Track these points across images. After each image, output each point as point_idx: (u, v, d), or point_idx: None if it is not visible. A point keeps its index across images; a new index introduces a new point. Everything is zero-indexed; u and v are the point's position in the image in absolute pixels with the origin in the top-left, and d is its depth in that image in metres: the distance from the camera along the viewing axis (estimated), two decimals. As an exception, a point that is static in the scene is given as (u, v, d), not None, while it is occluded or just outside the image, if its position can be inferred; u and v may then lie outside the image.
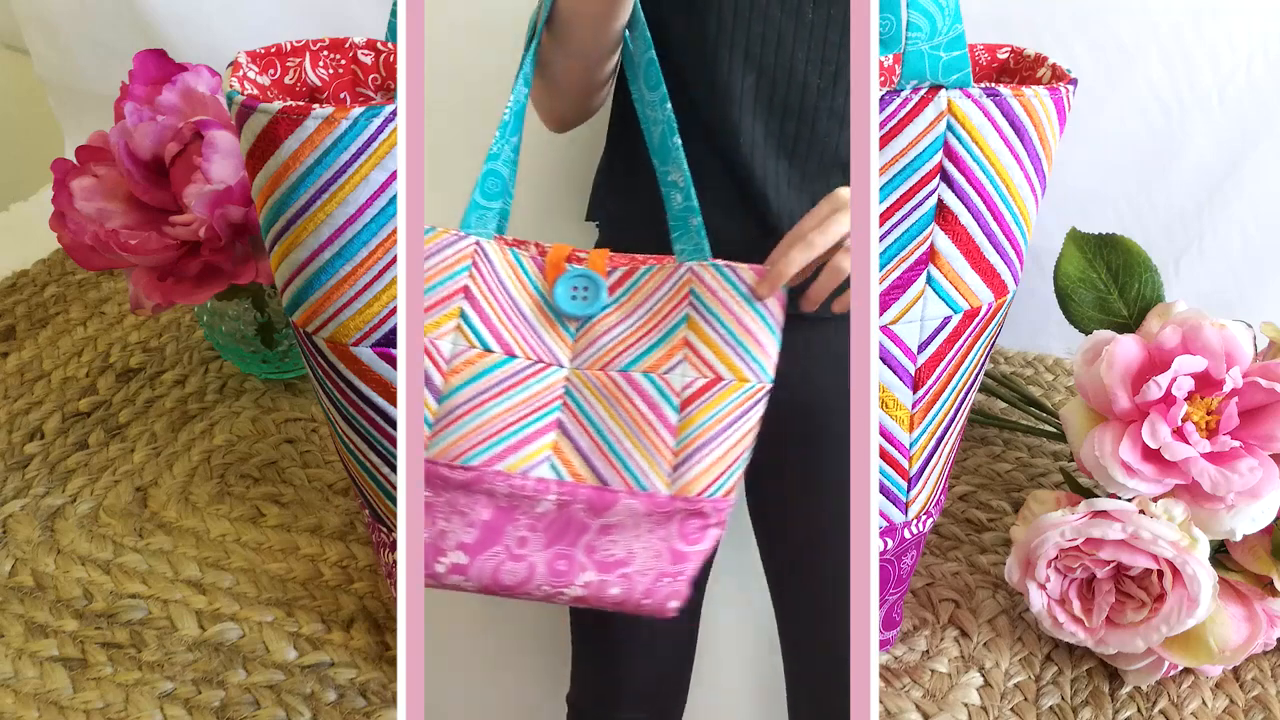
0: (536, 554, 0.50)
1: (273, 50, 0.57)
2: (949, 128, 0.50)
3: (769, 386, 0.51)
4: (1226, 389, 0.59)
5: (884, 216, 0.51)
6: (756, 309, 0.51)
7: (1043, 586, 0.61)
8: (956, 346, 0.55)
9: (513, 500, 0.49)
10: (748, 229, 0.55)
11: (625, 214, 0.62)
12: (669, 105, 0.53)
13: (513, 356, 0.51)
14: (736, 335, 0.51)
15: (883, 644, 0.65)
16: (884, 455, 0.56)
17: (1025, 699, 0.63)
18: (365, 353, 0.52)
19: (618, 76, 0.60)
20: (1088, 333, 0.66)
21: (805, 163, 0.55)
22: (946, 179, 0.51)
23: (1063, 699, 0.63)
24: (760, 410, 0.51)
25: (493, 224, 0.54)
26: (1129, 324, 0.66)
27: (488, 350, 0.50)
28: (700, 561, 0.51)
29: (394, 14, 0.57)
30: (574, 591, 0.50)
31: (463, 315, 0.50)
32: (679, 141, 0.53)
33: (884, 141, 0.50)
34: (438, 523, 0.50)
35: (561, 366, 0.52)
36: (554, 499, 0.50)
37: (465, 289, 0.50)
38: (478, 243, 0.51)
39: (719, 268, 0.51)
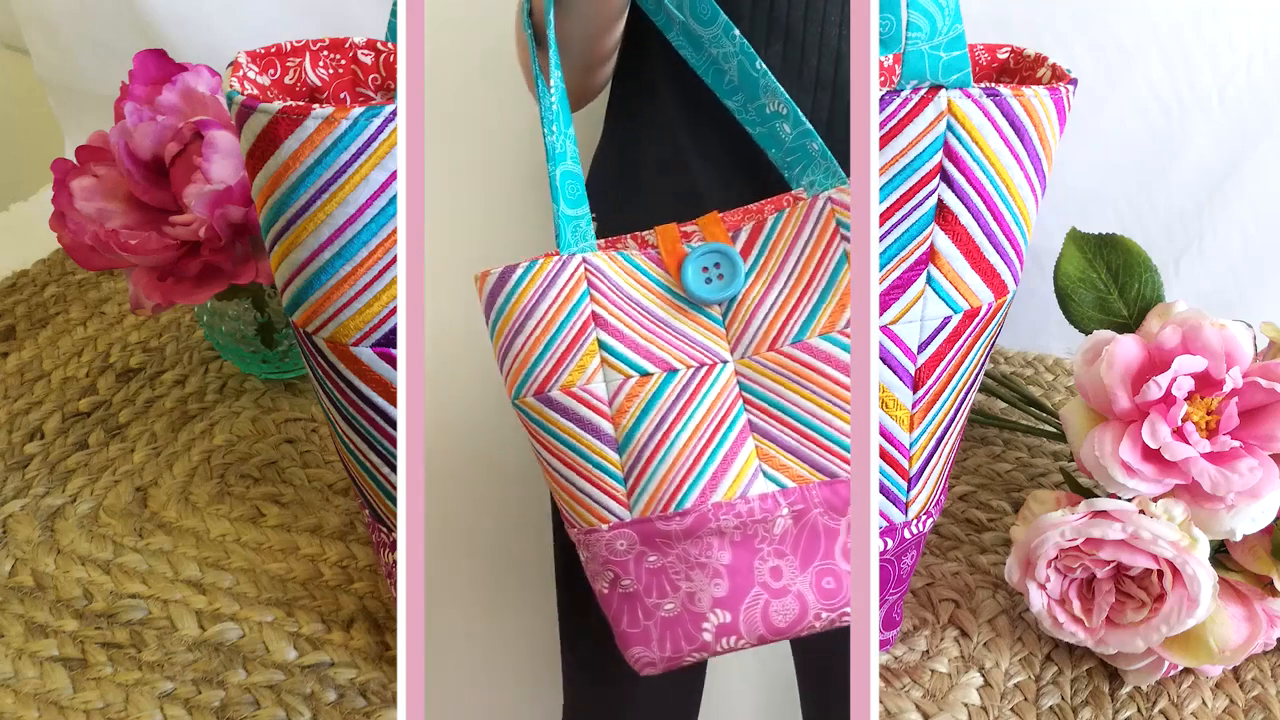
0: (798, 581, 0.44)
1: (273, 50, 0.57)
2: (949, 128, 0.50)
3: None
4: (1226, 389, 0.59)
5: (884, 216, 0.51)
6: None
7: (1043, 586, 0.61)
8: (956, 346, 0.55)
9: (746, 530, 0.44)
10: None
11: (622, 187, 0.57)
12: (736, 32, 0.48)
13: (674, 371, 0.45)
14: None
15: (883, 644, 0.65)
16: (884, 455, 0.56)
17: (1025, 699, 0.63)
18: (365, 353, 0.52)
19: (620, 69, 0.58)
20: (1088, 333, 0.66)
21: (842, 145, 0.52)
22: (946, 179, 0.51)
23: (1063, 699, 0.63)
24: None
25: (589, 232, 0.48)
26: (1129, 324, 0.66)
27: (645, 375, 0.45)
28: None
29: (394, 14, 0.57)
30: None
31: (603, 346, 0.45)
32: (762, 66, 0.48)
33: (884, 141, 0.50)
34: (680, 585, 0.44)
35: (725, 362, 0.46)
36: (787, 513, 0.44)
37: (594, 317, 0.46)
38: (585, 260, 0.46)
39: None
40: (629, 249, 0.48)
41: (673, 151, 0.55)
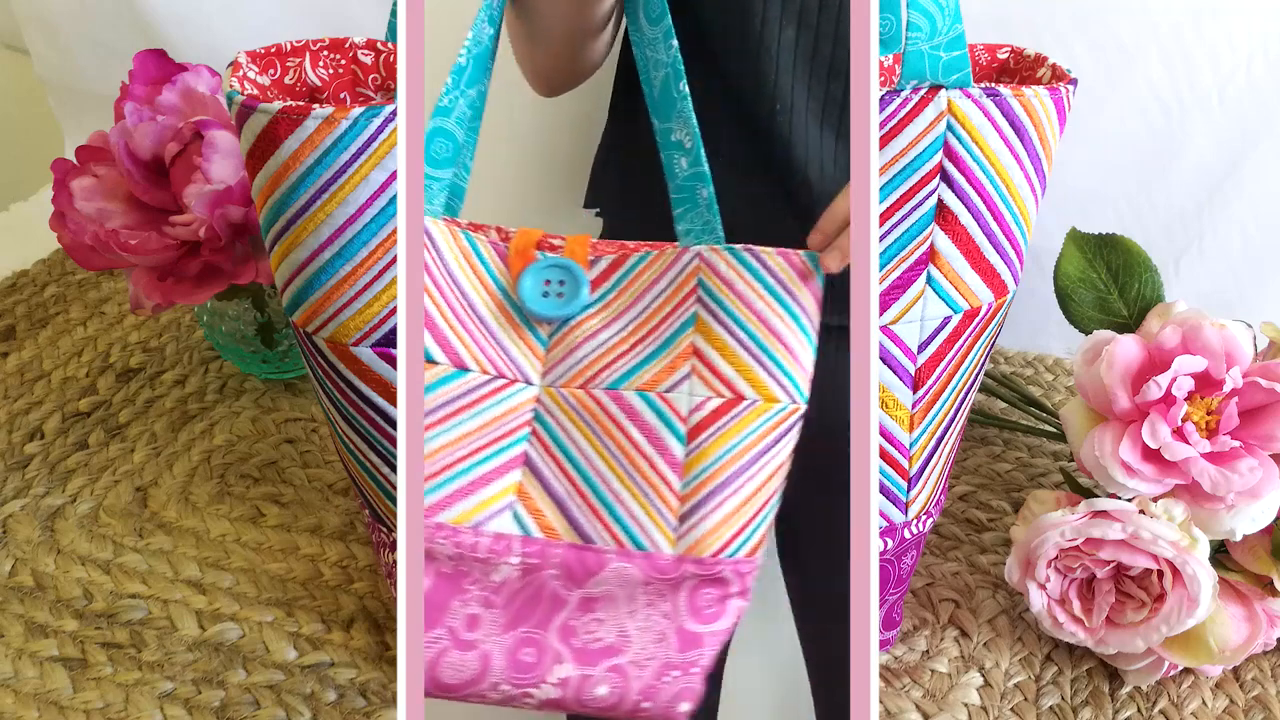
0: (492, 640, 0.38)
1: (273, 50, 0.57)
2: (949, 128, 0.50)
3: (803, 408, 0.41)
4: (1226, 389, 0.59)
5: (884, 216, 0.51)
6: (788, 307, 0.41)
7: (1043, 586, 0.61)
8: (956, 346, 0.55)
9: (459, 564, 0.38)
10: (765, 209, 0.47)
11: (630, 192, 0.53)
12: (674, 44, 0.43)
13: (463, 370, 0.40)
14: (761, 341, 0.40)
15: (883, 644, 0.65)
16: (884, 455, 0.56)
17: (1025, 699, 0.63)
18: (365, 353, 0.52)
19: (625, 60, 0.55)
20: (1088, 333, 0.66)
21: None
22: (946, 179, 0.51)
23: (1063, 699, 0.63)
24: (793, 439, 0.41)
25: (440, 199, 0.43)
26: (1129, 324, 0.66)
27: (430, 362, 0.40)
28: (719, 646, 0.40)
29: (394, 14, 0.57)
30: (545, 693, 0.39)
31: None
32: (685, 89, 0.43)
33: (884, 141, 0.50)
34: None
35: (529, 384, 0.41)
36: (518, 562, 0.38)
37: None
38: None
39: (737, 253, 0.41)
40: (482, 236, 0.43)
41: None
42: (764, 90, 0.47)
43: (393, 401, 0.53)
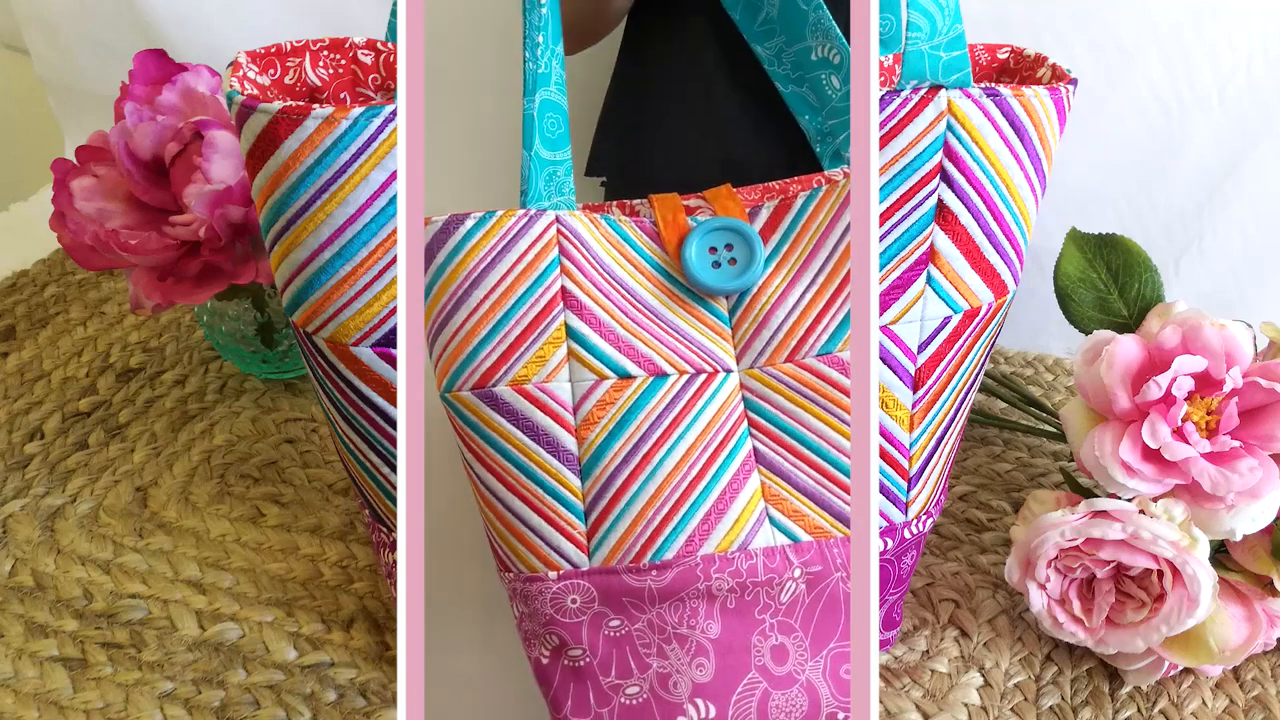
0: (809, 667, 0.35)
1: (273, 50, 0.57)
2: (949, 128, 0.50)
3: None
4: (1226, 389, 0.59)
5: (884, 216, 0.51)
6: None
7: (1043, 586, 0.61)
8: (956, 346, 0.55)
9: (744, 595, 0.35)
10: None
11: (646, 148, 0.48)
12: None
13: (663, 376, 0.36)
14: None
15: (883, 644, 0.65)
16: (884, 455, 0.56)
17: (1025, 699, 0.63)
18: (365, 353, 0.52)
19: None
20: (1088, 333, 0.66)
21: None
22: (946, 179, 0.51)
23: (1063, 699, 0.63)
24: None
25: (569, 184, 0.39)
26: (1129, 324, 0.66)
27: (625, 377, 0.35)
28: None
29: (394, 14, 0.57)
30: None
31: (572, 334, 0.36)
32: (821, 1, 0.39)
33: (884, 141, 0.50)
34: (649, 664, 0.34)
35: (729, 370, 0.37)
36: (800, 575, 0.35)
37: (564, 293, 0.36)
38: (558, 219, 0.37)
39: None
40: (615, 217, 0.38)
41: (704, 102, 0.46)
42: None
43: (393, 401, 0.53)
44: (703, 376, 0.37)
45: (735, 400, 0.37)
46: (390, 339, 0.52)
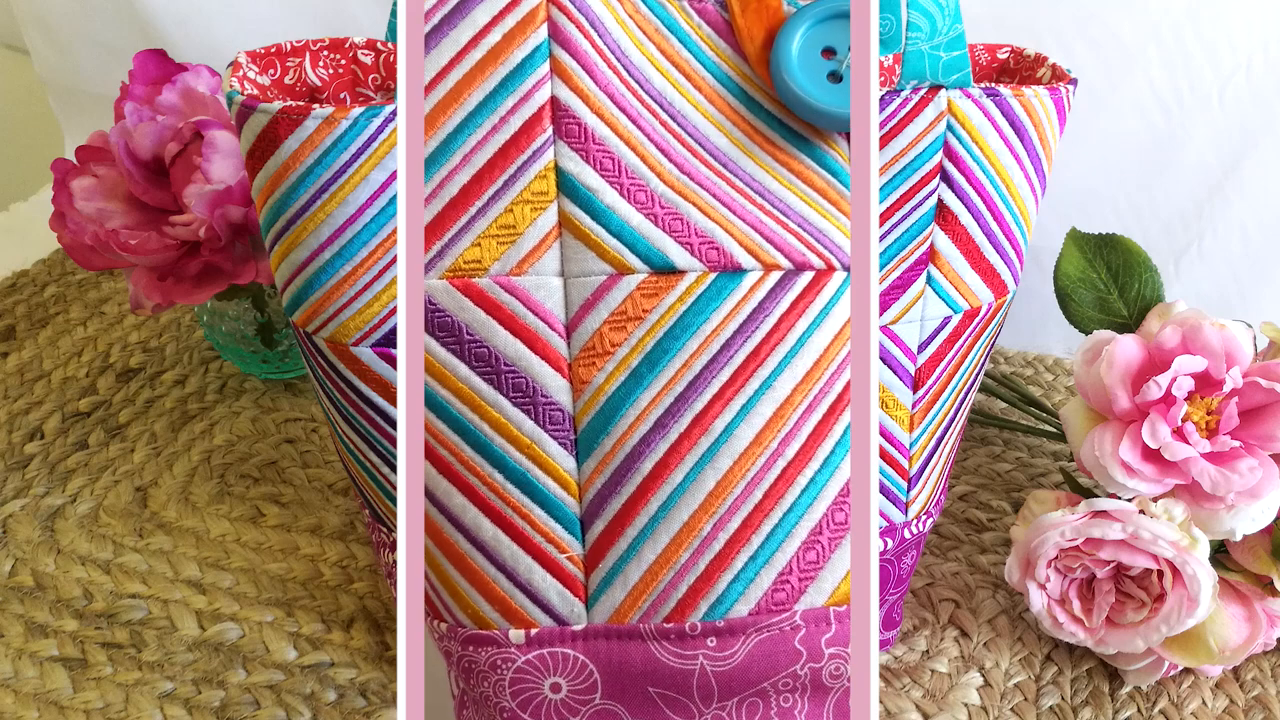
0: None
1: (273, 50, 0.57)
2: (949, 128, 0.50)
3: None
4: (1226, 389, 0.59)
5: (884, 216, 0.51)
6: None
7: (1043, 586, 0.61)
8: (956, 346, 0.55)
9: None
10: None
11: None
12: None
13: (737, 273, 0.23)
14: None
15: (883, 644, 0.65)
16: (884, 455, 0.56)
17: (1025, 699, 0.63)
18: (365, 353, 0.52)
19: None
20: (1088, 333, 0.66)
21: None
22: (946, 179, 0.51)
23: (1063, 699, 0.63)
24: None
25: None
26: (1129, 324, 0.66)
27: (665, 271, 0.22)
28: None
29: (394, 14, 0.57)
30: None
31: (566, 186, 0.23)
32: None
33: (884, 141, 0.50)
34: None
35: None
36: None
37: (554, 108, 0.23)
38: None
39: None
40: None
41: None
42: None
43: (393, 401, 0.53)
44: (808, 275, 0.24)
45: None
46: (390, 339, 0.52)
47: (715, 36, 0.23)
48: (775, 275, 0.24)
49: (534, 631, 0.22)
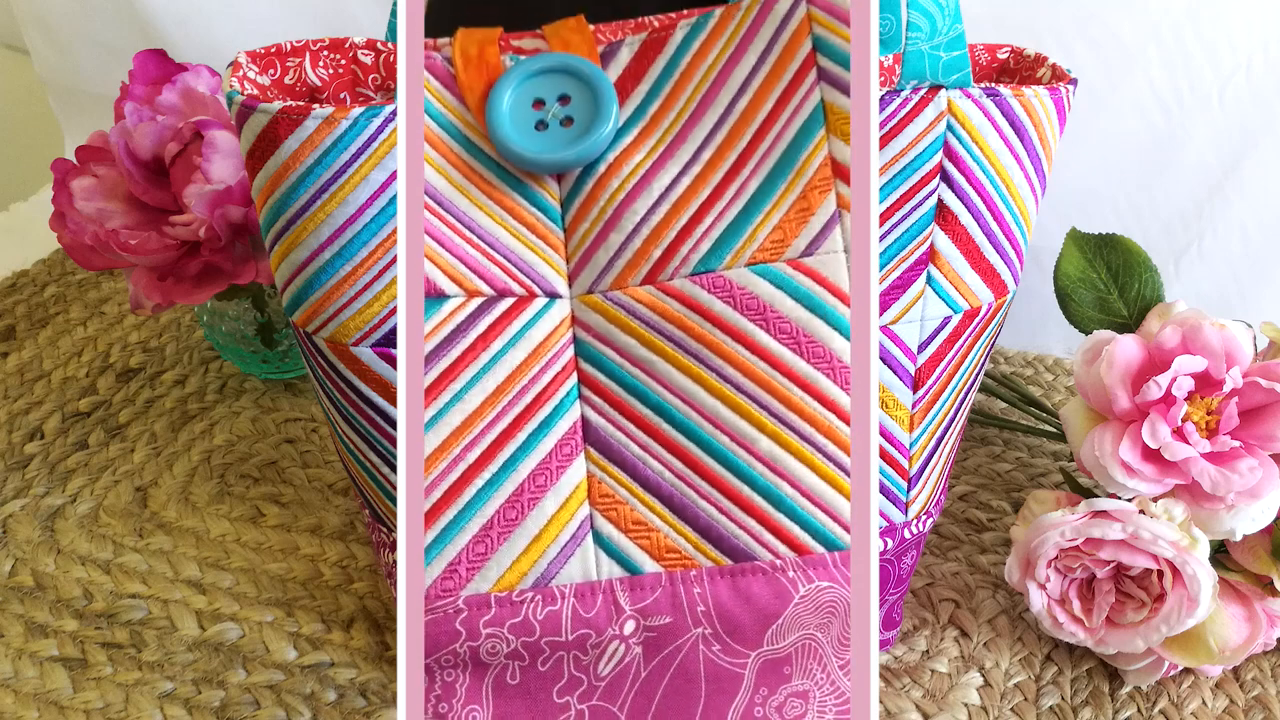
0: None
1: (273, 50, 0.57)
2: (949, 128, 0.50)
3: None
4: (1226, 389, 0.59)
5: (884, 216, 0.51)
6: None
7: (1043, 586, 0.61)
8: (956, 346, 0.55)
9: (536, 662, 0.22)
10: None
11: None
12: None
13: (440, 299, 0.25)
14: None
15: (883, 644, 0.65)
16: (884, 455, 0.56)
17: (1025, 699, 0.63)
18: (365, 353, 0.52)
19: None
20: (1088, 333, 0.66)
21: None
22: (946, 179, 0.51)
23: (1063, 699, 0.63)
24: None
25: None
26: (1129, 324, 0.66)
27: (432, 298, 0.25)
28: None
29: (394, 14, 0.57)
30: None
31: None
32: None
33: (884, 142, 0.50)
34: None
35: (554, 296, 0.25)
36: (634, 630, 0.22)
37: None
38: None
39: None
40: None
41: None
42: None
43: (393, 401, 0.53)
44: (508, 302, 0.24)
45: (560, 340, 0.24)
46: (390, 339, 0.52)
47: (442, 89, 0.25)
48: (477, 301, 0.26)
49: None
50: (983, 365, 0.58)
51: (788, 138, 0.25)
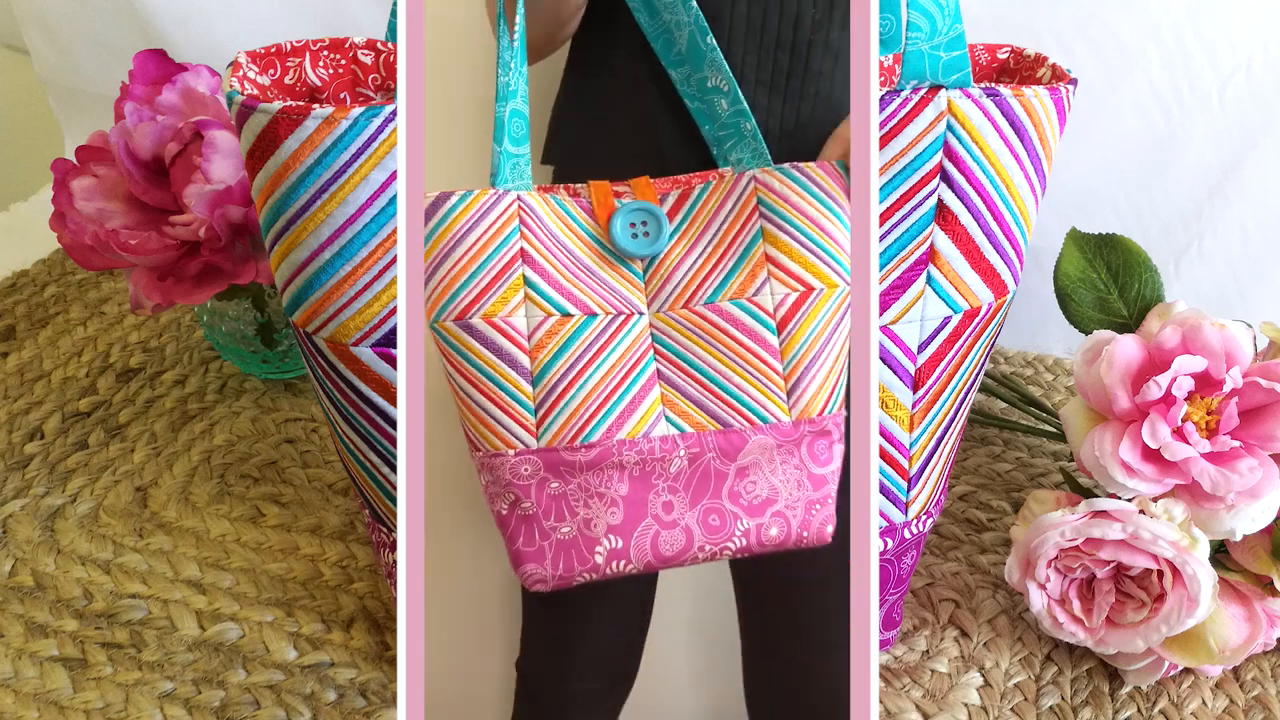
0: (687, 516, 0.48)
1: (273, 50, 0.57)
2: (949, 128, 0.50)
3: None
4: (1226, 389, 0.59)
5: (884, 216, 0.51)
6: (832, 208, 0.49)
7: (1043, 586, 0.61)
8: (956, 346, 0.55)
9: (645, 467, 0.47)
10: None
11: (590, 143, 0.59)
12: (694, 4, 0.51)
13: (592, 315, 0.48)
14: (818, 240, 0.49)
15: (883, 644, 0.65)
16: (884, 455, 0.56)
17: (1025, 699, 0.63)
18: (365, 353, 0.52)
19: (589, 20, 0.58)
20: (1088, 333, 0.66)
21: (800, 102, 0.55)
22: (946, 179, 0.51)
23: (1063, 699, 0.63)
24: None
25: (527, 172, 0.51)
26: (1129, 324, 0.66)
27: (565, 315, 0.48)
28: (836, 480, 0.50)
29: (394, 14, 0.57)
30: (736, 543, 0.49)
31: (528, 283, 0.48)
32: (713, 42, 0.51)
33: (884, 141, 0.50)
34: (578, 511, 0.47)
35: (641, 314, 0.49)
36: (684, 455, 0.48)
37: (523, 253, 0.48)
38: (519, 197, 0.49)
39: (787, 172, 0.49)
40: (563, 196, 0.50)
41: (644, 111, 0.57)
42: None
43: (393, 401, 0.53)
44: (622, 317, 0.49)
45: (645, 335, 0.49)
46: (390, 339, 0.52)
47: (586, 215, 0.50)
48: (609, 316, 0.50)
49: (516, 450, 0.48)
50: (983, 365, 0.58)
51: (743, 243, 0.50)
